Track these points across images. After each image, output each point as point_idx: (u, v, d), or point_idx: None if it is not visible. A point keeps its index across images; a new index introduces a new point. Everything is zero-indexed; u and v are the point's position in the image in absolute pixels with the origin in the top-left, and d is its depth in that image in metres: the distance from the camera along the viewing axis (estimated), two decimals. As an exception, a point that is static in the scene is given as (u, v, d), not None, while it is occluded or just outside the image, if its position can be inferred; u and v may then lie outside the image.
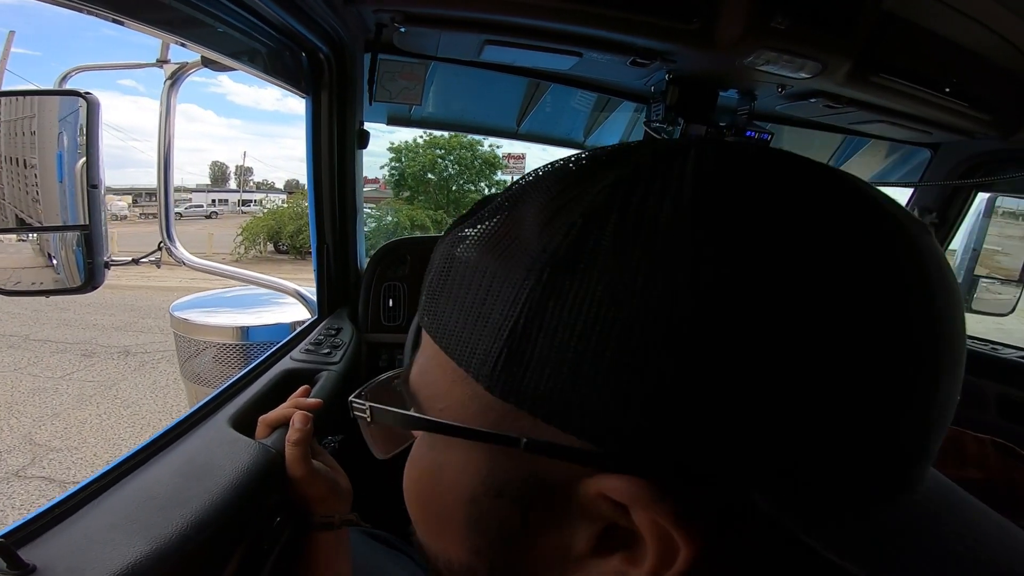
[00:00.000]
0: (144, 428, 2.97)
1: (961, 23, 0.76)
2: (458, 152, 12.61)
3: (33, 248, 0.72)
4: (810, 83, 0.89)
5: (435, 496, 0.24)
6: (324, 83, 0.89)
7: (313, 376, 0.77)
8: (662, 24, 0.76)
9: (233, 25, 0.67)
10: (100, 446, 2.78)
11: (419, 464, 0.25)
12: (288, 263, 11.59)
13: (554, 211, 0.19)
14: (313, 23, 0.77)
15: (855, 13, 0.76)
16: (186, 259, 0.97)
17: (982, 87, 0.91)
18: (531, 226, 0.19)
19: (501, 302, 0.19)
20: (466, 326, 0.20)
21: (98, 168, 0.67)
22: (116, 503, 0.44)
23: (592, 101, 1.35)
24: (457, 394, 0.21)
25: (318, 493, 0.58)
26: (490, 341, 0.19)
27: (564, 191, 0.20)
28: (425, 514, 0.25)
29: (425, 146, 12.61)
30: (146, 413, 3.18)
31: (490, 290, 0.19)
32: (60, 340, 4.60)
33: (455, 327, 0.20)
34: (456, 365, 0.20)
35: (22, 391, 3.49)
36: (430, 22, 0.80)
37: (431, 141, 12.52)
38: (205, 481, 0.47)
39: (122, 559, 0.37)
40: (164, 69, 0.86)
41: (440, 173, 12.83)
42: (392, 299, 1.09)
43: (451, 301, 0.21)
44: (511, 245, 0.20)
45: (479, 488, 0.21)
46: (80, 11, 0.51)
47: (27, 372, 3.83)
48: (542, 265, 0.18)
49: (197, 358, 1.51)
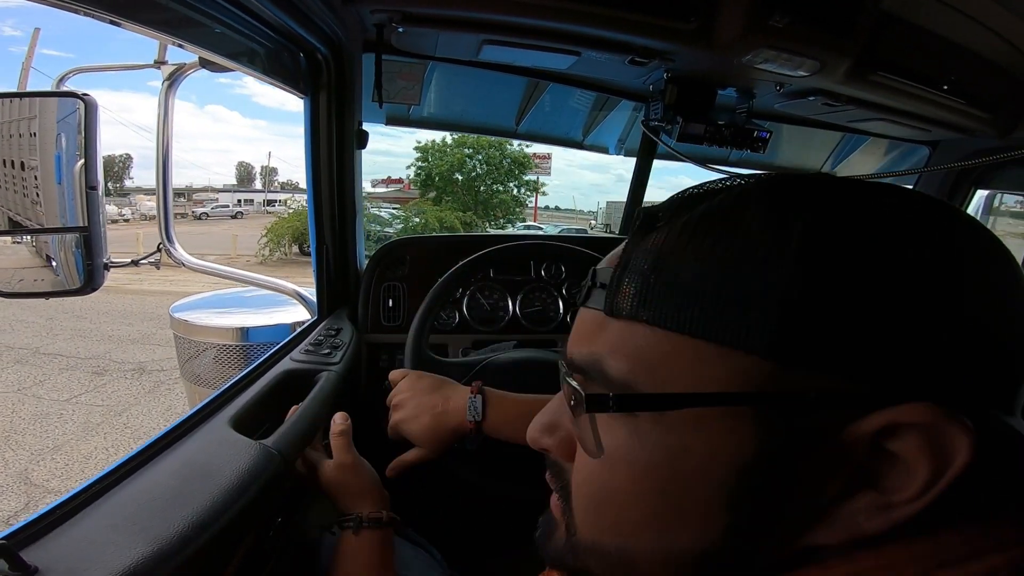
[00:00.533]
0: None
1: (959, 21, 0.76)
2: (487, 151, 12.39)
3: (30, 250, 0.72)
4: (809, 81, 0.89)
5: (676, 483, 0.24)
6: (322, 83, 0.89)
7: (313, 377, 0.77)
8: (660, 23, 0.76)
9: (231, 26, 0.66)
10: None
11: (641, 457, 0.25)
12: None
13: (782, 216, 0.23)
14: (311, 24, 0.76)
15: (854, 12, 0.76)
16: (185, 260, 0.97)
17: (980, 85, 0.91)
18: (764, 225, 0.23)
19: (761, 283, 0.21)
20: (716, 308, 0.22)
21: (96, 170, 0.66)
22: (117, 504, 0.44)
23: (591, 100, 1.35)
24: (708, 371, 0.22)
25: (363, 484, 0.60)
26: (759, 316, 0.21)
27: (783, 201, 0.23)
28: (651, 508, 0.25)
29: (454, 145, 12.39)
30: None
31: (740, 276, 0.22)
32: (71, 354, 4.31)
33: (700, 312, 0.22)
34: (706, 343, 0.22)
35: (24, 417, 3.18)
36: (428, 22, 0.80)
37: (459, 140, 12.31)
38: (206, 482, 0.47)
39: (123, 560, 0.37)
40: (162, 70, 0.86)
41: (468, 173, 12.65)
42: (392, 299, 1.09)
43: (682, 291, 0.23)
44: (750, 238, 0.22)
45: (745, 458, 0.22)
46: (77, 12, 0.51)
47: (31, 393, 3.52)
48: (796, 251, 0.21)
49: (197, 359, 1.51)
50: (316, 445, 0.67)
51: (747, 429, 0.22)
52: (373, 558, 0.56)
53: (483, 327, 1.10)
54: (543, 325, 1.12)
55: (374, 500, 0.60)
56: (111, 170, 42.46)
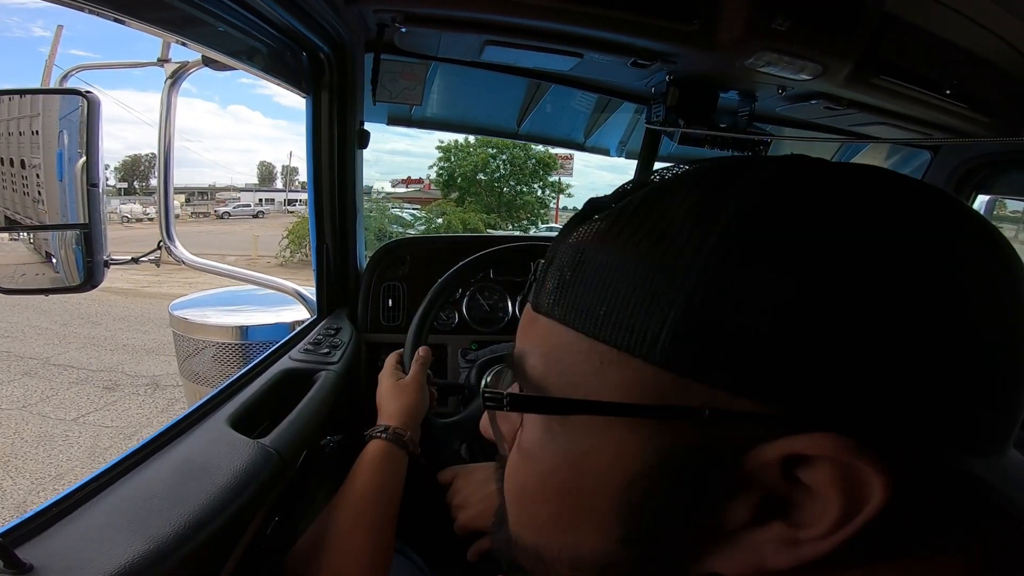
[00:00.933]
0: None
1: (962, 25, 0.76)
2: (511, 151, 12.17)
3: (27, 246, 0.73)
4: (811, 85, 0.89)
5: (576, 486, 0.23)
6: (324, 83, 0.89)
7: (312, 376, 0.77)
8: (662, 25, 0.76)
9: (234, 24, 0.67)
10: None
11: (548, 457, 0.24)
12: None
13: (706, 207, 0.21)
14: (314, 23, 0.77)
15: (856, 15, 0.76)
16: (185, 258, 0.97)
17: (983, 89, 0.91)
18: (684, 218, 0.21)
19: (668, 285, 0.20)
20: (623, 311, 0.20)
21: (98, 167, 0.67)
22: (114, 502, 0.44)
23: (592, 102, 1.35)
24: (611, 377, 0.21)
25: (408, 404, 0.68)
26: (660, 321, 0.19)
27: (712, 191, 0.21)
28: (556, 508, 0.25)
29: (477, 145, 12.19)
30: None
31: (648, 276, 0.20)
32: (83, 365, 4.03)
33: (605, 313, 0.21)
34: (609, 348, 0.21)
35: (26, 438, 2.90)
36: (431, 22, 0.80)
37: (483, 140, 12.07)
38: (203, 481, 0.47)
39: (120, 559, 0.37)
40: (165, 68, 0.86)
41: (492, 174, 12.46)
42: (391, 299, 1.09)
43: (594, 290, 0.22)
44: (667, 234, 0.20)
45: (640, 469, 0.21)
46: (82, 10, 0.51)
47: (36, 411, 3.22)
48: (711, 248, 0.19)
49: (196, 357, 1.51)
50: (397, 362, 0.76)
51: (644, 440, 0.21)
52: (381, 465, 0.61)
53: (482, 327, 1.10)
54: None
55: (405, 423, 0.66)
56: (137, 169, 42.47)
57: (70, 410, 3.25)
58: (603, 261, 0.22)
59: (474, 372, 0.82)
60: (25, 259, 0.73)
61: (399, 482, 0.62)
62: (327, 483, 0.84)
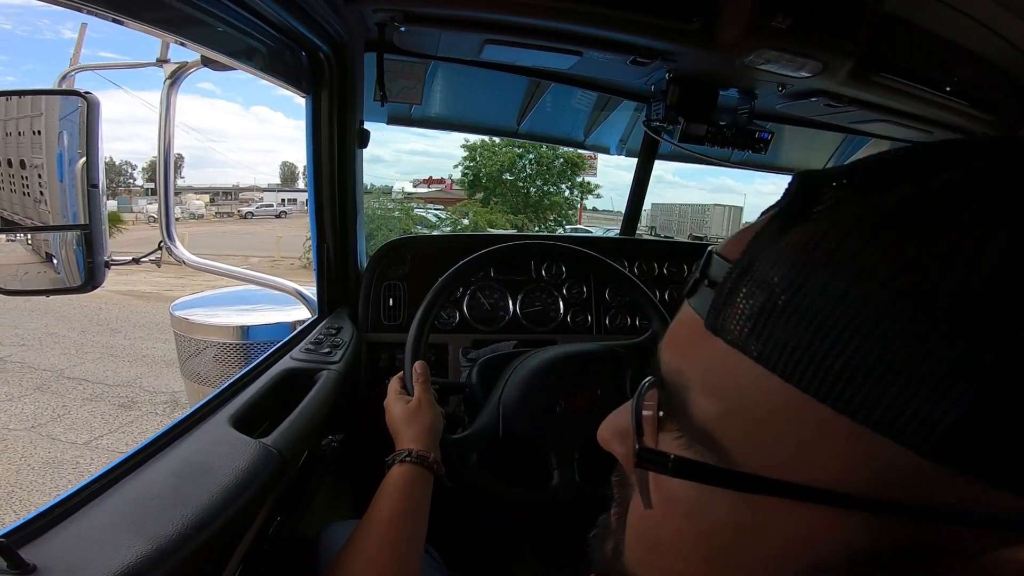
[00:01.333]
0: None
1: (962, 23, 0.76)
2: (538, 150, 11.84)
3: (25, 247, 0.73)
4: (811, 82, 0.89)
5: (735, 561, 0.19)
6: (324, 82, 0.89)
7: (313, 376, 0.77)
8: (662, 23, 0.76)
9: (233, 24, 0.66)
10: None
11: (706, 520, 0.20)
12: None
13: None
14: (313, 22, 0.77)
15: (856, 13, 0.75)
16: (186, 258, 0.97)
17: (983, 87, 0.91)
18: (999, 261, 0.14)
19: (969, 354, 0.14)
20: (878, 373, 0.15)
21: (98, 168, 0.67)
22: (116, 503, 0.44)
23: (592, 100, 1.35)
24: (829, 451, 0.16)
25: (424, 425, 0.66)
26: (948, 402, 0.14)
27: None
28: (698, 570, 0.20)
29: (503, 144, 11.87)
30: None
31: (932, 335, 0.14)
32: (98, 379, 3.75)
33: (841, 368, 0.15)
34: (836, 415, 0.15)
35: (33, 464, 2.64)
36: (430, 22, 0.80)
37: (510, 139, 11.65)
38: (205, 481, 0.47)
39: (122, 559, 0.37)
40: (164, 68, 0.86)
41: (518, 173, 12.14)
42: (392, 299, 1.09)
43: (826, 331, 0.15)
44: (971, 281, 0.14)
45: (832, 560, 0.17)
46: (80, 11, 0.51)
47: (45, 433, 2.95)
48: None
49: (197, 357, 1.51)
50: (401, 386, 0.74)
51: (853, 530, 0.16)
52: (408, 488, 0.59)
53: (483, 327, 1.10)
54: (543, 325, 1.12)
55: (427, 444, 0.64)
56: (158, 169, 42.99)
57: (82, 432, 2.98)
58: (844, 292, 0.15)
59: (475, 371, 0.82)
60: (26, 260, 0.73)
61: (426, 504, 0.60)
62: (328, 483, 0.85)
